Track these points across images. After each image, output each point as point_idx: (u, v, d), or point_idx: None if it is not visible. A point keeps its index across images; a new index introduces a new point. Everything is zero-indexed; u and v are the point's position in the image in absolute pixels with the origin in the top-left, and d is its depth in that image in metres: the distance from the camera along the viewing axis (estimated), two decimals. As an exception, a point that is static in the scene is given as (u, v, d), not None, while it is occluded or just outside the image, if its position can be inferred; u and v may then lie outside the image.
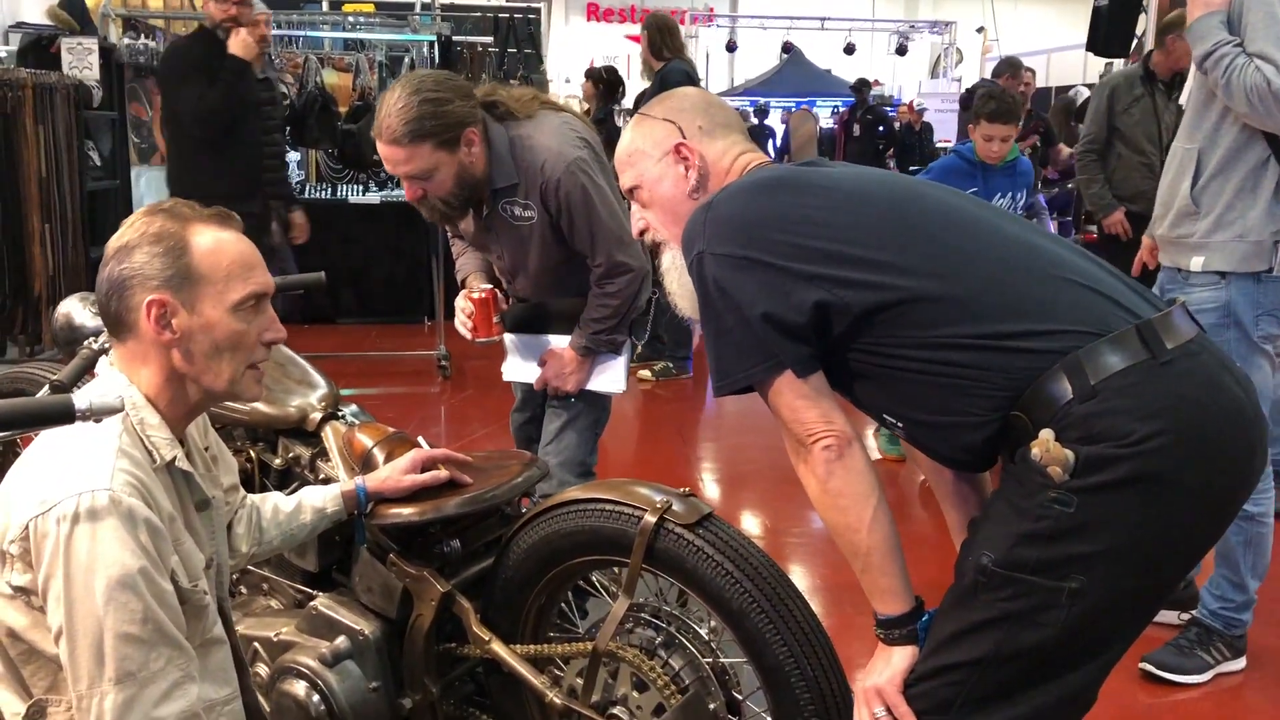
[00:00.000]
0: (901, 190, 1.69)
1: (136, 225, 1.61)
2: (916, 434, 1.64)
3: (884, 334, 1.54)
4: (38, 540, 1.48)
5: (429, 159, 2.49)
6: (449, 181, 2.55)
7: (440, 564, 2.19)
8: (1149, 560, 1.46)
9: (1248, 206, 2.80)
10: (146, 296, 1.57)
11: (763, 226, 1.58)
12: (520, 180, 2.61)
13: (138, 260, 1.58)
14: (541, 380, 2.83)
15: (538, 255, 2.72)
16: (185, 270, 1.59)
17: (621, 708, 2.01)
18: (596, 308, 2.72)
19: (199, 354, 1.61)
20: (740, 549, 1.91)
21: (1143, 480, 1.42)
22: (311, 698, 2.15)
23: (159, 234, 1.59)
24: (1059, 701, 1.52)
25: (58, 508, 1.47)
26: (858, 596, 1.68)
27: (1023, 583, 1.46)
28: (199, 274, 1.59)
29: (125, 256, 1.59)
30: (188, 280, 1.59)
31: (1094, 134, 4.86)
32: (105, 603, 1.46)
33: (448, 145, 2.50)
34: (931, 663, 1.56)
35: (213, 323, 1.60)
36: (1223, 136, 2.82)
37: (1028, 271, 1.55)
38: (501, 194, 2.63)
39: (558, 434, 2.85)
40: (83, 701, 1.49)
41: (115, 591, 1.47)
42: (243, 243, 1.66)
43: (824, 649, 1.87)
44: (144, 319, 1.58)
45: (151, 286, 1.57)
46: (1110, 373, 1.44)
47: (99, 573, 1.46)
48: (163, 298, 1.57)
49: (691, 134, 1.78)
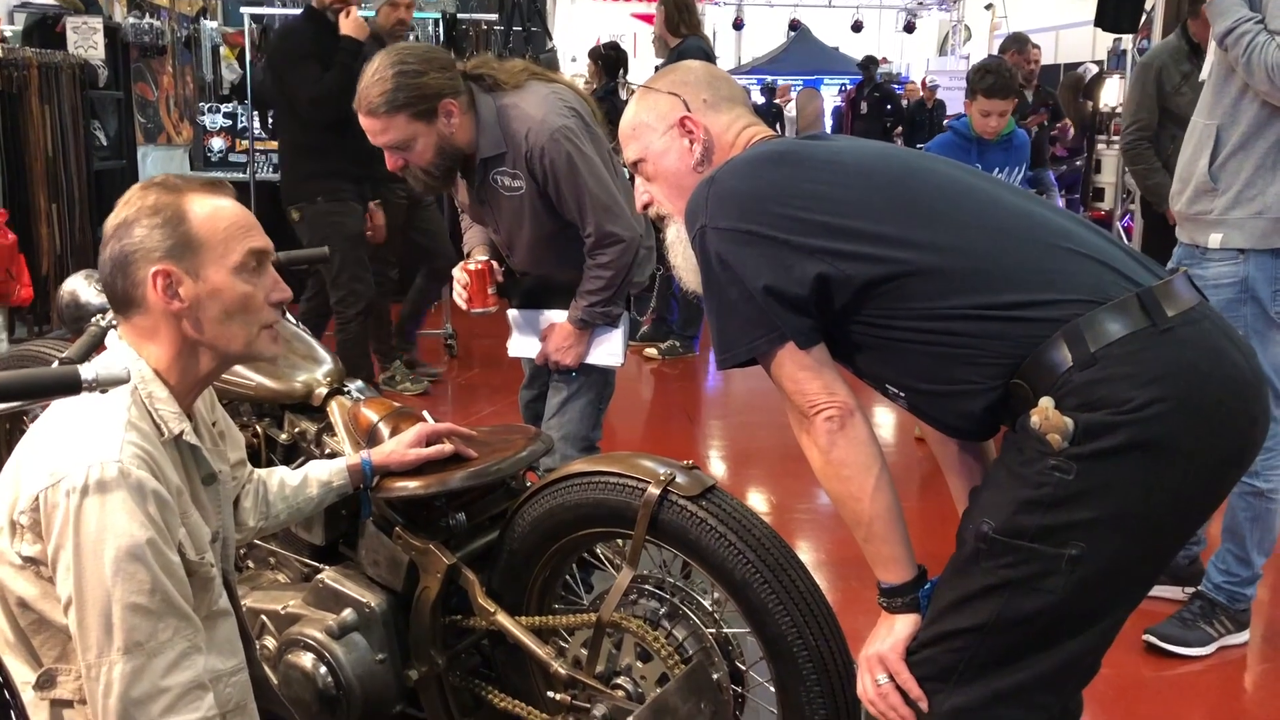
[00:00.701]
0: (902, 163, 1.70)
1: (132, 201, 1.61)
2: (918, 404, 1.64)
3: (885, 306, 1.55)
4: (47, 511, 1.49)
5: (406, 129, 2.55)
6: (429, 152, 2.60)
7: (446, 537, 2.20)
8: (1148, 526, 1.47)
9: (1267, 183, 2.79)
10: (151, 268, 1.58)
11: (764, 200, 1.58)
12: (508, 149, 2.64)
13: (138, 234, 1.59)
14: (542, 354, 2.85)
15: (530, 226, 2.74)
16: (185, 238, 1.59)
17: (626, 678, 2.03)
18: (590, 280, 2.73)
19: (209, 320, 1.62)
20: (743, 520, 1.92)
21: (1142, 447, 1.42)
22: (319, 669, 2.17)
23: (155, 206, 1.60)
24: (1060, 667, 1.53)
25: (67, 479, 1.48)
26: (863, 570, 1.68)
27: (1023, 549, 1.47)
28: (199, 240, 1.60)
29: (125, 233, 1.59)
30: (189, 248, 1.59)
31: (1144, 120, 4.28)
32: (114, 573, 1.48)
33: (424, 116, 2.55)
34: (933, 630, 1.57)
35: (219, 287, 1.61)
36: (1243, 113, 2.80)
37: (1028, 241, 1.55)
38: (491, 164, 2.66)
39: (560, 408, 2.87)
40: (91, 670, 1.50)
41: (124, 562, 1.48)
42: (237, 207, 1.66)
43: (826, 618, 1.89)
44: (151, 291, 1.59)
45: (155, 258, 1.58)
46: (1110, 340, 1.45)
47: (108, 544, 1.47)
48: (167, 267, 1.58)
49: (696, 107, 1.78)
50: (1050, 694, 1.56)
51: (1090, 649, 1.54)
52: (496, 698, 2.21)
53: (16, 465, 1.57)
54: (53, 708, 1.60)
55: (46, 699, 1.59)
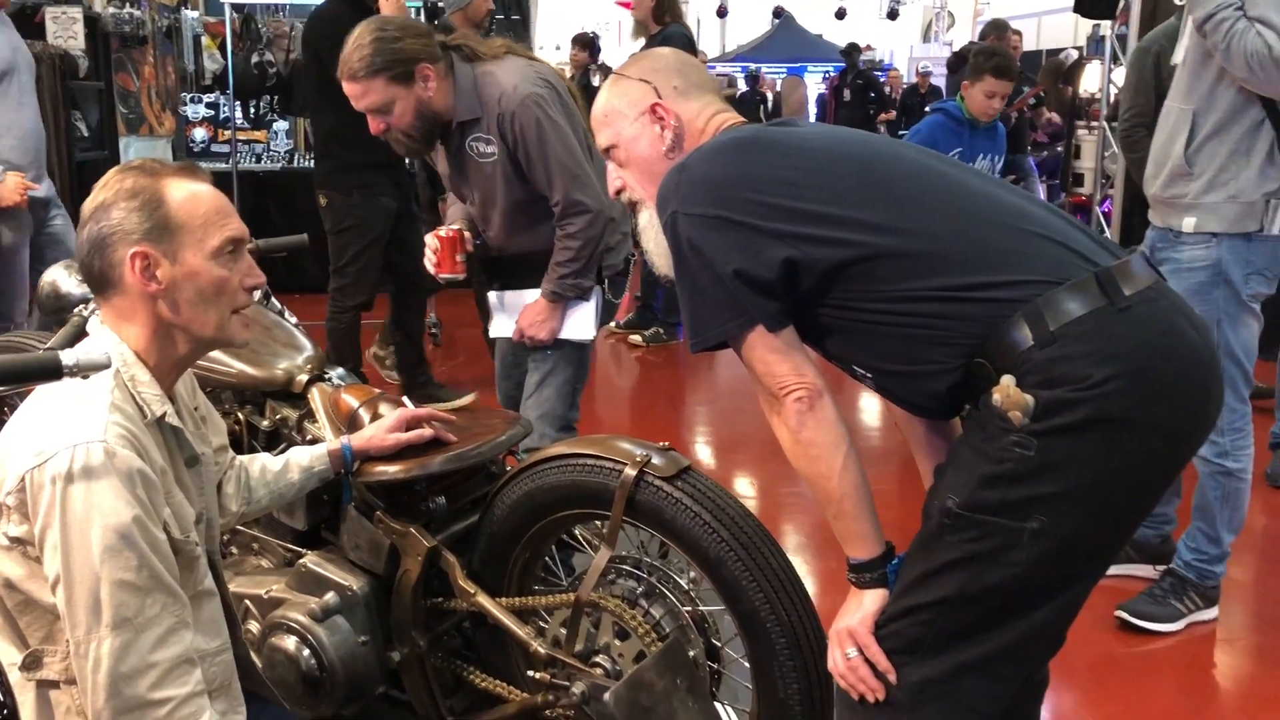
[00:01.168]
0: (868, 149, 1.73)
1: (110, 184, 1.63)
2: (885, 384, 1.68)
3: (851, 289, 1.58)
4: (34, 492, 1.51)
5: (385, 93, 2.66)
6: (408, 114, 2.70)
7: (426, 520, 2.23)
8: (1108, 500, 1.51)
9: (1241, 168, 2.82)
10: (129, 250, 1.60)
11: (733, 186, 1.62)
12: (483, 115, 2.73)
13: (115, 217, 1.60)
14: (517, 331, 2.90)
15: (503, 194, 2.81)
16: (163, 221, 1.61)
17: (604, 656, 2.07)
18: (560, 251, 2.79)
19: (184, 303, 1.64)
20: (717, 500, 1.96)
21: (1100, 422, 1.46)
22: (302, 652, 2.20)
23: (133, 190, 1.61)
24: (1024, 639, 1.57)
25: (53, 460, 1.50)
26: (842, 551, 1.72)
27: (986, 524, 1.51)
28: (177, 224, 1.62)
29: (103, 215, 1.61)
30: (167, 231, 1.61)
31: (1140, 105, 4.04)
32: (101, 551, 1.50)
33: (402, 80, 2.66)
34: (900, 604, 1.61)
35: (195, 270, 1.63)
36: (1219, 98, 2.83)
37: (990, 224, 1.59)
38: (467, 129, 2.76)
39: (537, 388, 2.93)
40: (80, 647, 1.53)
41: (111, 540, 1.50)
42: (215, 193, 1.69)
43: (798, 595, 1.93)
44: (129, 272, 1.61)
45: (132, 240, 1.60)
46: (1069, 319, 1.49)
47: (95, 522, 1.50)
48: (145, 249, 1.60)
49: (667, 94, 1.81)
50: (1015, 665, 1.60)
51: (1054, 620, 1.59)
52: (478, 678, 2.25)
53: (3, 447, 1.59)
54: (39, 688, 1.62)
55: (33, 679, 1.61)
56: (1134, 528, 1.64)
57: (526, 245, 2.91)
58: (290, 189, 7.82)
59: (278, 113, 7.67)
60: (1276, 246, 2.89)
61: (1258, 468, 4.17)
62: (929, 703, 1.58)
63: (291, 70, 6.36)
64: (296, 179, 7.96)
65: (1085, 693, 2.81)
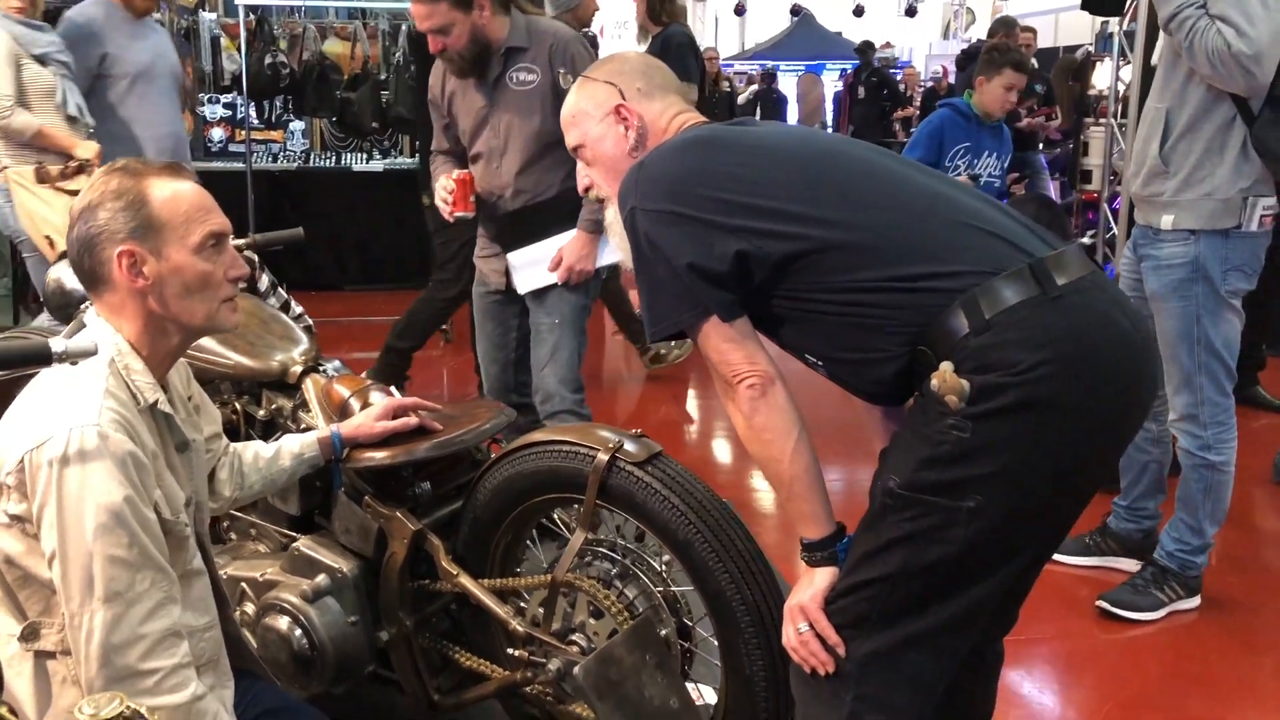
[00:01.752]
0: (820, 147, 1.81)
1: (96, 186, 1.72)
2: (836, 372, 1.75)
3: (801, 280, 1.66)
4: (32, 472, 1.60)
5: (446, 15, 3.07)
6: (464, 37, 3.10)
7: (412, 505, 2.31)
8: (1040, 479, 1.58)
9: (1215, 165, 2.87)
10: (116, 249, 1.68)
11: (688, 183, 1.70)
12: (530, 46, 3.18)
13: (102, 218, 1.69)
14: (565, 270, 3.21)
15: (536, 120, 3.17)
16: (147, 220, 1.69)
17: (580, 634, 2.14)
18: None
19: (172, 297, 1.73)
20: (686, 484, 2.04)
21: (1030, 406, 1.53)
22: (294, 631, 2.29)
23: (118, 191, 1.70)
24: (965, 613, 1.64)
25: (50, 442, 1.59)
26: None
27: (925, 503, 1.58)
28: (160, 222, 1.70)
29: (90, 216, 1.70)
30: (151, 229, 1.70)
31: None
32: (95, 529, 1.59)
33: (461, 6, 3.07)
34: (847, 580, 1.68)
35: (180, 266, 1.71)
36: (1190, 96, 2.88)
37: (932, 218, 1.67)
38: (512, 57, 3.18)
39: (551, 358, 3.28)
40: (74, 619, 1.61)
41: (104, 519, 1.59)
42: (197, 190, 1.77)
43: (763, 575, 2.00)
44: (117, 270, 1.69)
45: (119, 239, 1.68)
46: (1003, 307, 1.56)
47: (88, 501, 1.59)
48: (131, 248, 1.68)
49: (631, 95, 1.89)
50: (957, 637, 1.67)
51: (994, 595, 1.65)
52: (462, 657, 2.33)
53: (4, 431, 1.68)
54: (36, 659, 1.71)
55: (31, 650, 1.70)
56: (1072, 506, 1.71)
57: (528, 187, 3.22)
58: (305, 188, 7.96)
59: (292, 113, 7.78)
60: (1255, 243, 2.94)
61: (1265, 462, 4.23)
62: (874, 674, 1.66)
63: (304, 71, 6.46)
64: (312, 178, 8.10)
65: (1065, 682, 2.86)
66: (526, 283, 3.31)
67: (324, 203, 7.95)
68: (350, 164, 8.24)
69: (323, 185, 8.06)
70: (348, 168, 8.19)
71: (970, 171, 4.62)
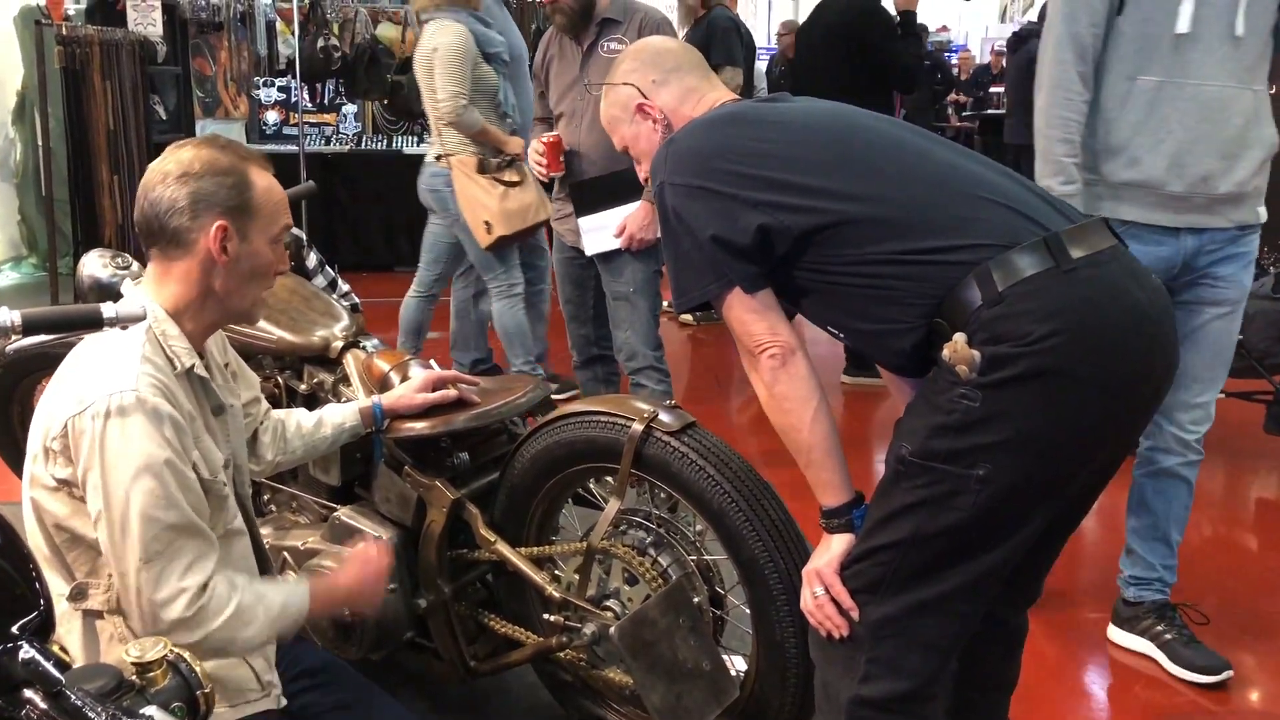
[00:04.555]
0: (846, 122, 1.82)
1: (195, 156, 1.77)
2: (857, 342, 1.78)
3: (822, 253, 1.68)
4: (75, 436, 1.66)
5: None
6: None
7: (451, 475, 2.35)
8: (1049, 448, 1.58)
9: None
10: (215, 220, 1.74)
11: (713, 158, 1.73)
12: (623, 20, 3.56)
13: (206, 187, 1.75)
14: (628, 237, 3.53)
15: None
16: (247, 204, 1.77)
17: (614, 600, 2.17)
18: None
19: (237, 277, 1.79)
20: (720, 454, 2.05)
21: (1039, 376, 1.54)
22: (335, 598, 2.33)
23: (227, 168, 1.77)
24: (977, 579, 1.65)
25: (92, 407, 1.65)
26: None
27: (936, 470, 1.60)
28: (255, 207, 1.78)
29: (192, 181, 1.75)
30: (247, 212, 1.77)
31: None
32: (136, 489, 1.64)
33: None
34: (862, 546, 1.70)
35: (257, 251, 1.79)
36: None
37: (950, 192, 1.68)
38: (606, 28, 3.56)
39: (630, 319, 3.65)
40: (124, 578, 1.67)
41: (144, 479, 1.65)
42: (278, 186, 1.85)
43: (796, 544, 2.01)
44: (205, 238, 1.75)
45: (218, 212, 1.75)
46: (1016, 279, 1.57)
47: (129, 463, 1.64)
48: (227, 223, 1.75)
49: (648, 89, 1.93)
50: (968, 603, 1.68)
51: (1005, 561, 1.66)
52: (497, 624, 2.36)
53: (48, 399, 1.74)
54: (84, 618, 1.77)
55: (79, 610, 1.76)
56: (1090, 478, 1.71)
57: (604, 155, 3.46)
58: (357, 170, 8.05)
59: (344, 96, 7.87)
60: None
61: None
62: (888, 638, 1.67)
63: (356, 54, 6.53)
64: (364, 161, 8.20)
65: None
66: (594, 245, 3.64)
67: (375, 185, 8.04)
68: (401, 147, 8.32)
69: (374, 167, 8.15)
70: (398, 150, 8.27)
71: None
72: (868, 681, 1.69)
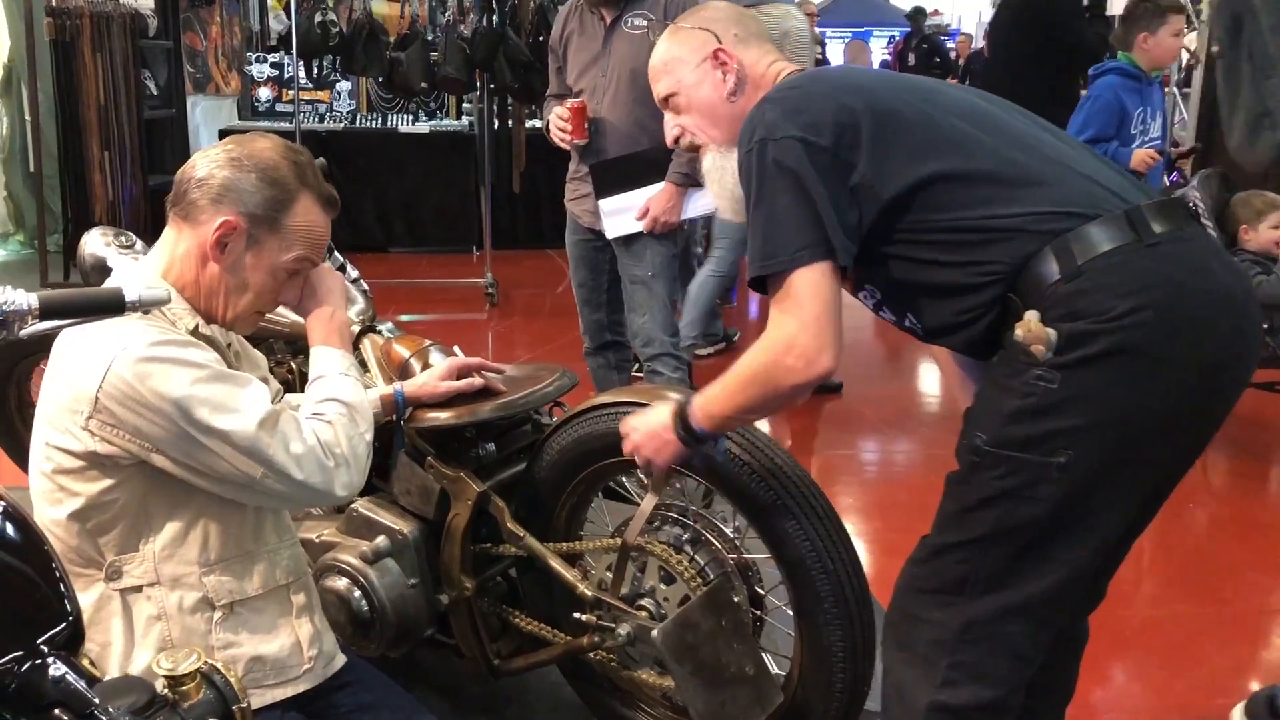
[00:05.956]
0: (927, 87, 1.77)
1: (266, 155, 1.70)
2: (931, 322, 1.68)
3: (906, 220, 1.59)
4: (111, 399, 1.58)
5: None
6: None
7: (475, 466, 2.26)
8: (1133, 432, 1.50)
9: None
10: (226, 216, 1.67)
11: (820, 113, 1.62)
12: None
13: (244, 184, 1.68)
14: (650, 220, 3.44)
15: (641, 64, 3.38)
16: (274, 222, 1.70)
17: (649, 599, 2.08)
18: None
19: (227, 282, 1.72)
20: (764, 448, 1.97)
21: (1121, 354, 1.46)
22: (353, 593, 2.24)
23: (278, 180, 1.69)
24: (1066, 581, 1.57)
25: (114, 365, 1.57)
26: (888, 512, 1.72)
27: (1014, 460, 1.51)
28: (279, 230, 1.70)
29: (237, 170, 1.68)
30: (268, 229, 1.70)
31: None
32: (197, 408, 1.58)
33: None
34: (938, 539, 1.62)
35: (257, 269, 1.72)
36: None
37: (1030, 159, 1.60)
38: (631, 4, 3.44)
39: (648, 305, 3.55)
40: (259, 482, 1.64)
41: (202, 388, 1.59)
42: (327, 226, 1.78)
43: (844, 545, 1.93)
44: (209, 229, 1.67)
45: (237, 210, 1.67)
46: (1095, 253, 1.49)
47: (176, 393, 1.58)
48: (238, 223, 1.67)
49: (728, 41, 1.85)
50: (1057, 609, 1.60)
51: (1091, 560, 1.58)
52: (523, 621, 2.28)
53: (53, 389, 1.66)
54: (123, 598, 1.71)
55: (117, 590, 1.70)
56: (1171, 467, 1.63)
57: (625, 133, 3.44)
58: (352, 149, 7.92)
59: (340, 73, 7.73)
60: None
61: None
62: (973, 642, 1.59)
63: (353, 29, 6.40)
64: (359, 139, 8.06)
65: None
66: (615, 228, 3.53)
67: (370, 164, 7.92)
68: (396, 125, 8.19)
69: (369, 146, 8.03)
70: (394, 129, 8.14)
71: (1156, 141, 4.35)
72: (949, 687, 1.61)
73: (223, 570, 1.75)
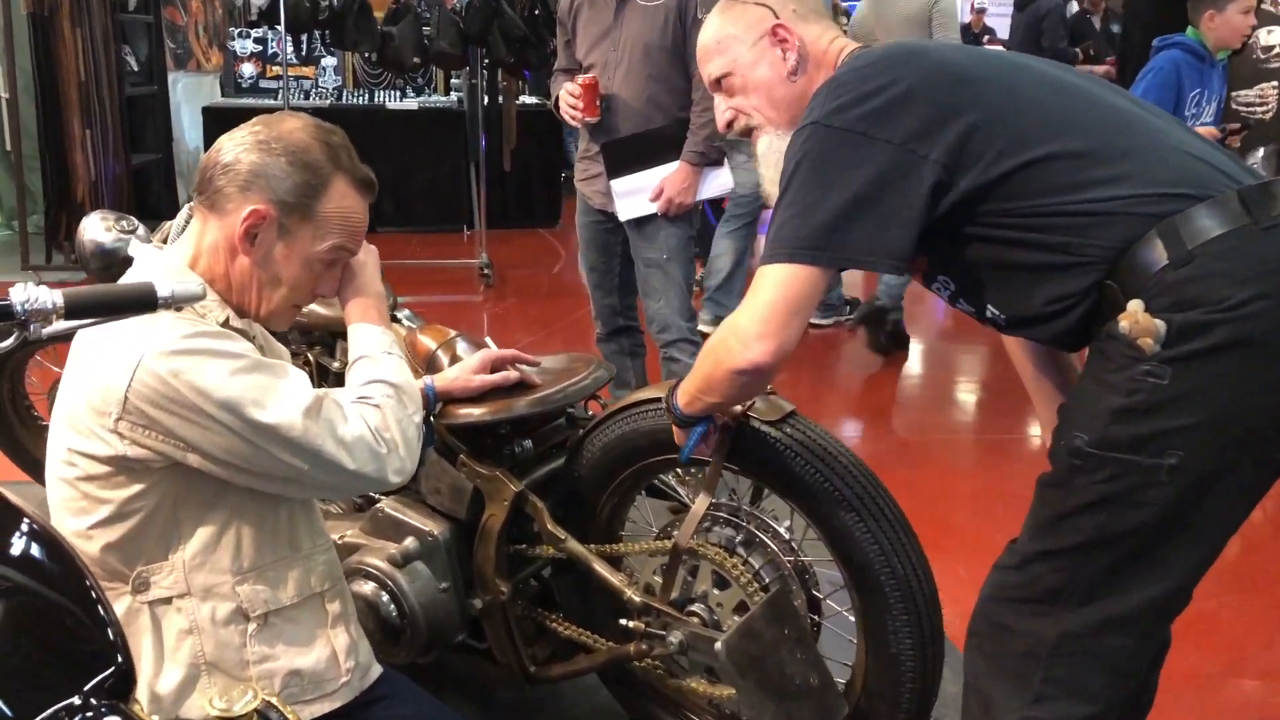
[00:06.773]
0: (1008, 62, 1.65)
1: (295, 136, 1.59)
2: (1016, 313, 1.57)
3: (993, 205, 1.48)
4: (142, 403, 1.47)
5: None
6: None
7: (510, 464, 2.14)
8: (1252, 431, 1.40)
9: None
10: (254, 204, 1.55)
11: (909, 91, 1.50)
12: None
13: (274, 168, 1.56)
14: (665, 201, 3.32)
15: (655, 35, 3.29)
16: (306, 209, 1.58)
17: (701, 605, 1.97)
18: (701, 114, 3.23)
19: (259, 276, 1.61)
20: (826, 446, 1.86)
21: (1239, 345, 1.36)
22: (381, 597, 2.13)
23: (309, 163, 1.58)
24: (1173, 591, 1.47)
25: (144, 361, 1.47)
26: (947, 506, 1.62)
27: (1119, 462, 1.41)
28: (313, 217, 1.59)
29: (266, 155, 1.56)
30: (301, 216, 1.58)
31: None
32: (238, 402, 1.48)
33: None
34: (1033, 546, 1.52)
35: (290, 258, 1.61)
36: None
37: (1132, 137, 1.49)
38: None
39: (664, 289, 3.43)
40: (307, 474, 1.54)
41: (243, 378, 1.49)
42: (364, 212, 1.67)
43: (913, 547, 1.83)
44: (236, 219, 1.56)
45: (266, 198, 1.56)
46: (1208, 237, 1.38)
47: (214, 386, 1.47)
48: (268, 212, 1.56)
49: (786, 16, 1.72)
50: (1161, 622, 1.52)
51: (1199, 569, 1.48)
52: (562, 626, 2.17)
53: (74, 390, 1.55)
54: (151, 610, 1.60)
55: (145, 603, 1.60)
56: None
57: (638, 110, 3.33)
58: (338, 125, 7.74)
59: (327, 48, 7.56)
60: None
61: None
62: (1068, 656, 1.49)
63: (344, 4, 6.22)
64: (346, 116, 7.86)
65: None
66: (628, 210, 3.40)
67: (357, 141, 7.66)
68: (383, 101, 8.01)
69: (357, 123, 7.82)
70: (381, 105, 7.96)
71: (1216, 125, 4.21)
72: (1042, 702, 1.51)
73: (257, 578, 1.64)
